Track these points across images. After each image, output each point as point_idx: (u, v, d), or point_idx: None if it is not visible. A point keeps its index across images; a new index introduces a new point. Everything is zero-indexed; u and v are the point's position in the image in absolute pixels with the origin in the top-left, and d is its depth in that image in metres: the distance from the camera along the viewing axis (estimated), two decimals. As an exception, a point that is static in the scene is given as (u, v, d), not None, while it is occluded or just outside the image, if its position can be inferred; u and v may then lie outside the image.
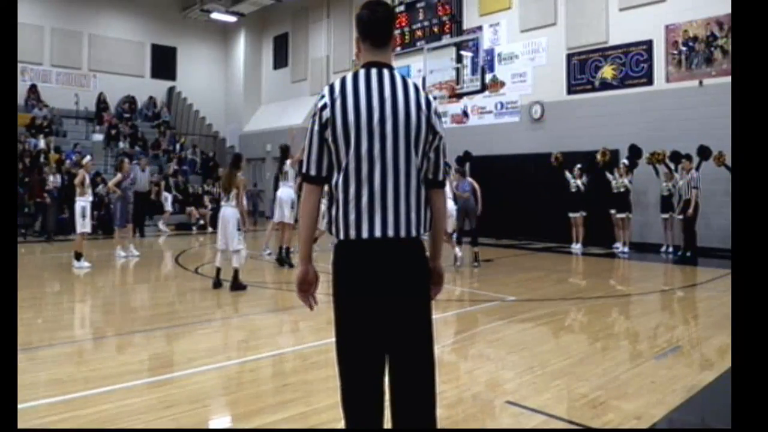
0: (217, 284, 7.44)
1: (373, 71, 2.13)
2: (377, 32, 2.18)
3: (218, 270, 7.52)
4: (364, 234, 2.04)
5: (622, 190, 11.58)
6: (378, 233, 2.04)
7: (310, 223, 2.19)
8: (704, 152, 10.67)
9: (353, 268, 2.09)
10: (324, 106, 2.08)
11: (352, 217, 2.05)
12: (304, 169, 2.15)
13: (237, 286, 7.27)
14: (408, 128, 2.07)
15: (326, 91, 2.12)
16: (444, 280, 2.32)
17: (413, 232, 2.09)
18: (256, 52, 23.34)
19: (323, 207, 2.29)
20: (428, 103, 2.14)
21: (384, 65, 2.16)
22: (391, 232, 2.05)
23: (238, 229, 7.36)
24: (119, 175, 10.48)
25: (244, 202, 7.77)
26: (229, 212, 7.37)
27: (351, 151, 2.05)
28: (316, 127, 2.10)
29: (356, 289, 2.07)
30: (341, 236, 2.08)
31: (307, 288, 2.21)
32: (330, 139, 2.07)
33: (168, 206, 16.56)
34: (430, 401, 2.11)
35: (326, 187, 2.18)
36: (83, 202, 9.52)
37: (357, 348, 2.09)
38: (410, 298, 2.09)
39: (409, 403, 2.08)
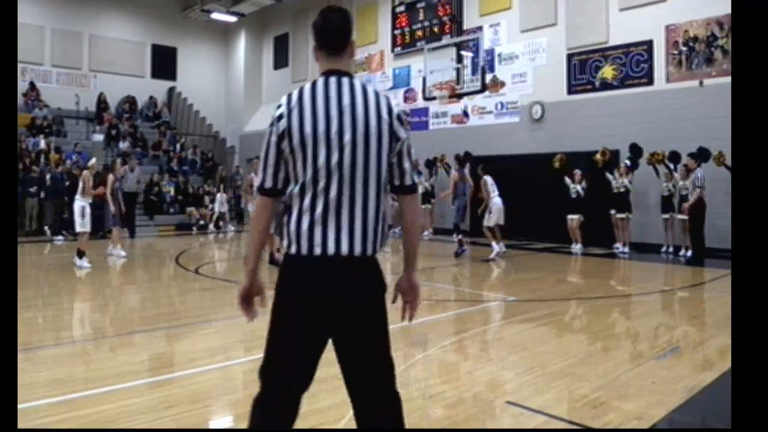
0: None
1: (332, 80, 2.05)
2: (332, 40, 2.11)
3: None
4: (317, 249, 1.96)
5: (622, 190, 11.58)
6: (331, 249, 1.95)
7: (260, 237, 2.10)
8: (703, 154, 10.67)
9: (299, 282, 2.00)
10: (280, 116, 2.00)
11: (304, 226, 1.97)
12: (258, 182, 2.07)
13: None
14: (368, 139, 1.99)
15: (283, 100, 2.04)
16: (420, 293, 2.21)
17: (369, 250, 2.00)
18: (256, 52, 23.33)
19: None
20: (389, 109, 2.06)
21: (343, 73, 2.08)
22: (345, 249, 1.96)
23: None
24: (111, 177, 10.62)
25: None
26: None
27: (308, 162, 1.97)
28: (273, 138, 2.02)
29: (299, 293, 2.00)
30: (292, 249, 1.99)
31: (249, 301, 2.14)
32: (287, 150, 2.00)
33: (223, 208, 17.56)
34: (388, 387, 2.07)
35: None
36: (83, 202, 9.58)
37: (293, 331, 1.99)
38: (359, 298, 2.01)
39: (366, 392, 2.05)
